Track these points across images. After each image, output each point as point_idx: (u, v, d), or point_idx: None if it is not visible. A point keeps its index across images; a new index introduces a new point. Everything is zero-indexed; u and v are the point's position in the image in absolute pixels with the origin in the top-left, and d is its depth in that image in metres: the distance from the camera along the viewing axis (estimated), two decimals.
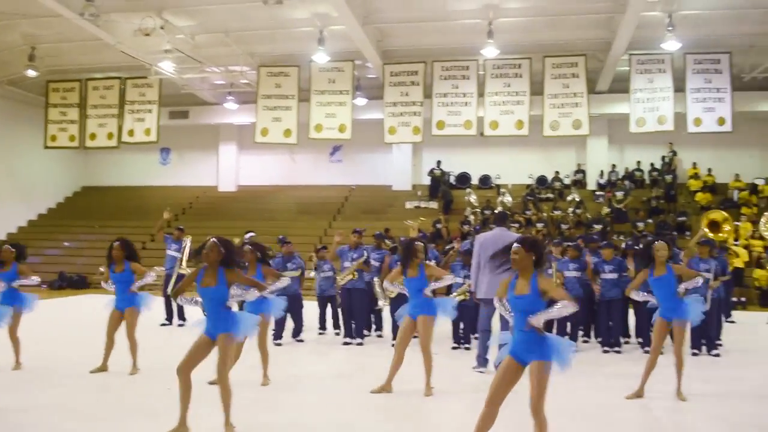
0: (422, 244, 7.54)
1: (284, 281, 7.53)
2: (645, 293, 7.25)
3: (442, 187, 24.26)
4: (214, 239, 5.64)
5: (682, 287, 7.06)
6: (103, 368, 8.04)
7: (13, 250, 8.37)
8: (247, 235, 11.83)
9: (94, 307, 8.18)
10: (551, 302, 4.78)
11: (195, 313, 6.47)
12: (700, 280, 7.30)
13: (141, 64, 19.33)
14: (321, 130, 18.33)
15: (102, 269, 8.48)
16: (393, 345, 9.15)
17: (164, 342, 10.49)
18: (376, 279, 10.55)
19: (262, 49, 19.83)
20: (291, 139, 18.63)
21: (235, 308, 5.95)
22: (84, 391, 7.28)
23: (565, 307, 4.72)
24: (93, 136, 19.77)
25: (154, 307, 8.48)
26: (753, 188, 22.81)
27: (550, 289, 4.78)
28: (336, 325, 11.48)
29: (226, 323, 5.56)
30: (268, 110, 18.56)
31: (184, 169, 28.01)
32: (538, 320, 4.69)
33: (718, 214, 15.05)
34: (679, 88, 17.25)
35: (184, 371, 5.49)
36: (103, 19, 16.43)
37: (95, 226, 23.62)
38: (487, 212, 21.22)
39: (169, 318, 12.39)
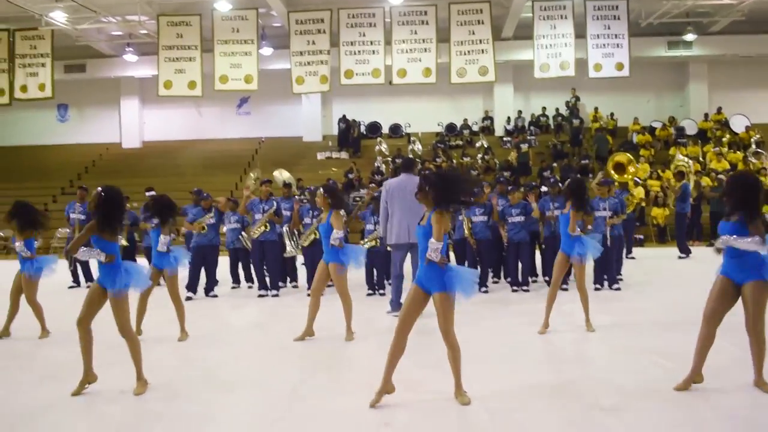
0: (324, 191, 7.51)
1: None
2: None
3: (351, 136, 24.36)
4: (99, 189, 5.48)
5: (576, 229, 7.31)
6: (5, 333, 7.75)
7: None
8: (148, 193, 11.61)
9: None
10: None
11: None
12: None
13: (30, 14, 18.24)
14: (227, 81, 17.91)
15: (1, 233, 8.02)
16: (309, 294, 9.24)
17: (75, 304, 10.16)
18: (285, 228, 10.52)
19: None
20: (196, 92, 18.15)
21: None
22: None
23: (435, 249, 4.89)
24: None
25: (58, 270, 8.10)
26: (651, 131, 23.83)
27: (433, 226, 4.91)
28: (248, 279, 11.42)
29: (118, 276, 5.43)
30: (170, 62, 17.95)
31: (85, 125, 26.92)
32: (431, 255, 4.85)
33: (623, 157, 15.67)
34: (580, 34, 17.70)
35: (84, 323, 5.43)
36: None
37: None
38: (398, 161, 21.34)
39: (77, 280, 11.99)
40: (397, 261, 8.50)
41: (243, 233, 10.87)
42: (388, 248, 8.89)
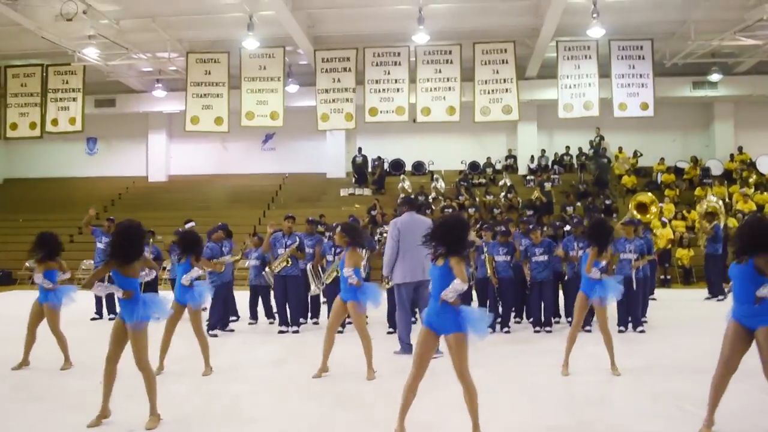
0: (342, 229, 7.62)
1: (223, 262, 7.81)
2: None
3: (370, 173, 24.45)
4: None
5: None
6: (24, 363, 7.80)
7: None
8: (188, 225, 11.71)
9: (21, 303, 7.85)
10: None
11: None
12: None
13: (64, 50, 18.68)
14: (253, 117, 18.14)
15: (28, 264, 8.18)
16: None
17: (97, 335, 10.21)
18: (309, 266, 10.50)
19: (191, 35, 19.40)
20: (222, 127, 18.38)
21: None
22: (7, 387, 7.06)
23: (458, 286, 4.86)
24: (14, 126, 19.09)
25: (80, 301, 8.20)
26: (676, 171, 23.65)
27: (455, 268, 4.93)
28: (268, 315, 11.39)
29: (137, 309, 5.49)
30: (198, 98, 18.24)
31: (113, 159, 27.30)
32: (446, 295, 4.86)
33: (645, 197, 15.57)
34: (604, 74, 17.74)
35: (112, 361, 5.49)
36: (21, 3, 15.82)
37: (19, 220, 22.76)
38: (420, 198, 21.35)
39: (99, 312, 12.08)
40: (406, 299, 8.41)
41: (266, 269, 10.87)
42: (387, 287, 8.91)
